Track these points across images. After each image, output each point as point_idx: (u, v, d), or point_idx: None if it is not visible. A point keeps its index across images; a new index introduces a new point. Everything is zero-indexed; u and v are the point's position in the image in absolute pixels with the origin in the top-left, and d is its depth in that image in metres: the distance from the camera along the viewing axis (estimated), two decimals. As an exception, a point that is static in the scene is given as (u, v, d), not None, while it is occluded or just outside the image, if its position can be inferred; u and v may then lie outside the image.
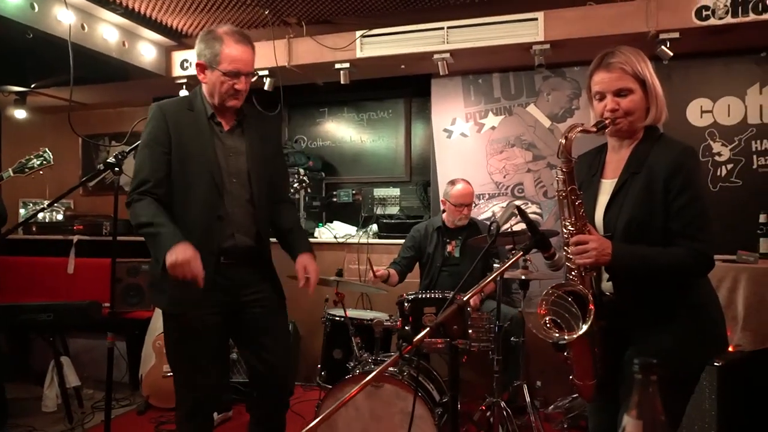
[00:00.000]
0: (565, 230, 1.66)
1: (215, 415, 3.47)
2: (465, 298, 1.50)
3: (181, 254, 1.87)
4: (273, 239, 2.29)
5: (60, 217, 5.35)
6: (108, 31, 3.83)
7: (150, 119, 2.11)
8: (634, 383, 0.82)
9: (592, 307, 1.57)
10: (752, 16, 3.28)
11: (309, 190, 4.42)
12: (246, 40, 2.09)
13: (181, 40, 4.36)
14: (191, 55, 4.38)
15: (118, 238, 2.73)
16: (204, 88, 2.13)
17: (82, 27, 3.64)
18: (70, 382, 3.77)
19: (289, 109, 5.03)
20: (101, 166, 2.34)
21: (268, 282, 2.24)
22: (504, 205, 4.21)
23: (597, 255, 1.58)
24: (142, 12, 3.88)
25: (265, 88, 4.23)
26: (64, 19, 3.42)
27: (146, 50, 4.20)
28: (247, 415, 2.34)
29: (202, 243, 2.02)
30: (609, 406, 1.69)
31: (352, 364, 3.06)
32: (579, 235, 1.61)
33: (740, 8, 3.30)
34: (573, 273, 1.66)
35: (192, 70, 4.38)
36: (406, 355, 1.89)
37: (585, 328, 1.55)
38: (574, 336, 1.57)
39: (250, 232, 2.17)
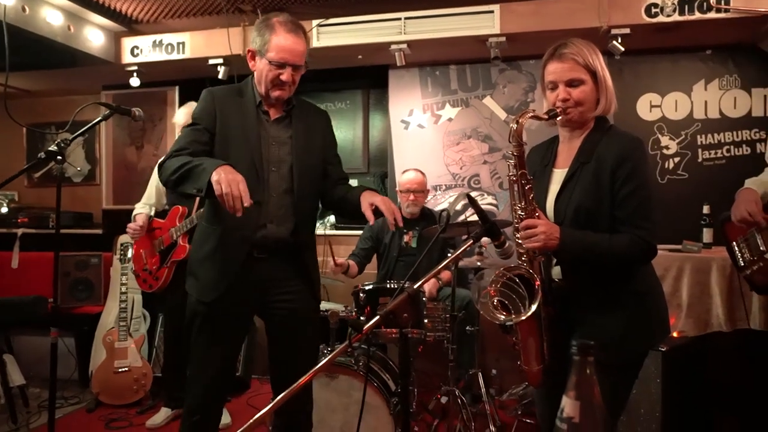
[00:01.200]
0: (515, 215, 1.69)
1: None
2: (416, 287, 1.50)
3: (227, 172, 1.77)
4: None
5: (4, 210, 5.13)
6: (51, 14, 3.67)
7: (199, 102, 2.11)
8: (572, 364, 0.83)
9: (539, 290, 1.60)
10: (698, 15, 3.39)
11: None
12: (298, 31, 2.03)
13: (131, 26, 4.22)
14: (142, 42, 4.25)
15: (65, 231, 2.63)
16: (255, 75, 2.10)
17: (23, 9, 3.47)
18: (13, 381, 3.62)
19: (245, 99, 4.93)
20: (42, 155, 2.23)
21: (303, 282, 2.14)
22: (456, 194, 4.26)
23: (545, 239, 1.61)
24: (90, -5, 3.74)
25: (220, 77, 4.14)
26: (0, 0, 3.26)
27: (94, 35, 4.05)
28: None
29: (235, 230, 2.01)
30: (557, 393, 1.72)
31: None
32: (528, 220, 1.64)
33: (687, 7, 3.41)
34: (523, 258, 1.69)
35: (143, 57, 4.25)
36: (356, 344, 1.88)
37: (531, 310, 1.58)
38: (521, 318, 1.59)
39: (287, 224, 2.09)
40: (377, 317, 1.42)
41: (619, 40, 3.52)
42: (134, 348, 3.72)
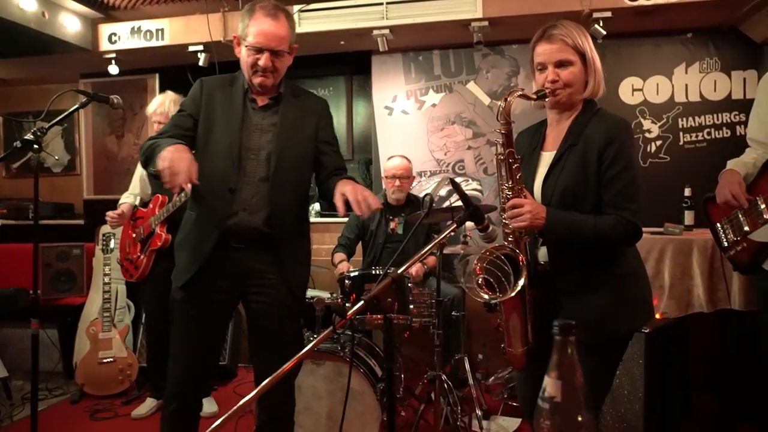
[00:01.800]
0: (502, 195, 1.70)
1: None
2: (399, 272, 1.50)
3: (177, 150, 1.77)
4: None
5: (-19, 201, 5.04)
6: (25, 1, 3.58)
7: (190, 90, 2.13)
8: (554, 344, 0.83)
9: (524, 267, 1.61)
10: (678, -2, 3.40)
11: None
12: (278, 15, 1.98)
13: (108, 12, 4.14)
14: (120, 29, 4.17)
15: (46, 221, 2.59)
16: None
17: (-5, -5, 3.39)
18: (-4, 374, 3.59)
19: (226, 86, 4.87)
20: (18, 144, 2.19)
21: (280, 277, 2.07)
22: (439, 180, 4.26)
23: (531, 218, 1.62)
24: (64, -19, 3.65)
25: (200, 63, 4.09)
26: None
27: (69, 22, 3.96)
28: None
29: (206, 217, 2.03)
30: (539, 375, 1.74)
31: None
32: (515, 200, 1.65)
33: (668, -11, 3.41)
34: (509, 238, 1.70)
35: (121, 44, 4.18)
36: (341, 330, 1.87)
37: (518, 288, 1.59)
38: (507, 296, 1.61)
39: (260, 213, 2.03)
40: (361, 302, 1.42)
41: (601, 24, 3.52)
42: (119, 338, 3.69)
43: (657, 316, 3.03)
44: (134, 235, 3.34)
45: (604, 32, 3.53)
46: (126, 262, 3.38)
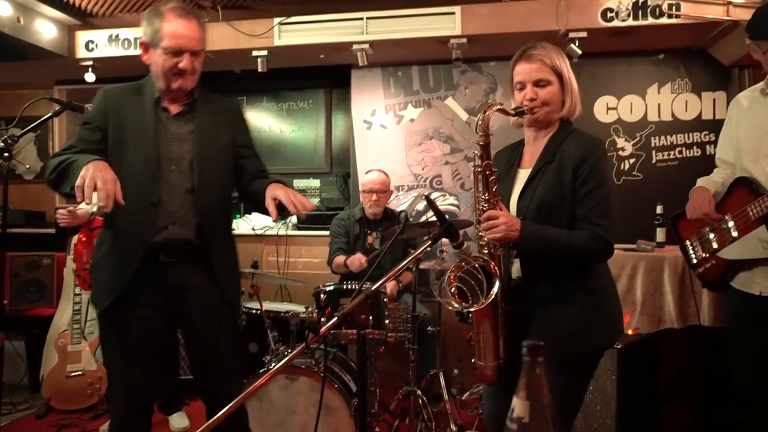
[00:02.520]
0: (479, 207, 1.72)
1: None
2: (373, 288, 1.50)
3: (97, 168, 1.66)
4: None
5: (-51, 208, 4.91)
6: None
7: (93, 101, 2.02)
8: (522, 365, 0.84)
9: (497, 276, 1.63)
10: (650, 20, 3.49)
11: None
12: (190, 15, 1.94)
13: (85, 19, 4.09)
14: (98, 36, 4.13)
15: (15, 230, 2.53)
16: (150, 70, 1.99)
17: (-31, 0, 3.34)
18: (-42, 387, 3.48)
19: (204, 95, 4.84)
20: (-13, 151, 2.15)
21: (214, 284, 2.02)
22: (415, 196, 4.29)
23: (506, 230, 1.65)
24: (40, -13, 3.61)
25: (179, 73, 4.06)
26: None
27: (45, 28, 3.91)
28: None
29: (130, 232, 1.91)
30: (505, 392, 1.75)
31: (268, 357, 3.01)
32: (490, 211, 1.68)
33: (640, 12, 3.50)
34: (484, 250, 1.72)
35: (99, 52, 4.13)
36: (315, 346, 1.86)
37: (490, 298, 1.61)
38: (479, 306, 1.63)
39: (189, 225, 1.98)
40: (334, 319, 1.41)
41: (577, 44, 3.59)
42: (88, 351, 3.61)
43: (629, 332, 3.07)
44: (91, 245, 3.28)
45: (580, 51, 3.60)
46: (84, 273, 3.31)
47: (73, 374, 3.56)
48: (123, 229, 1.93)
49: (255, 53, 3.93)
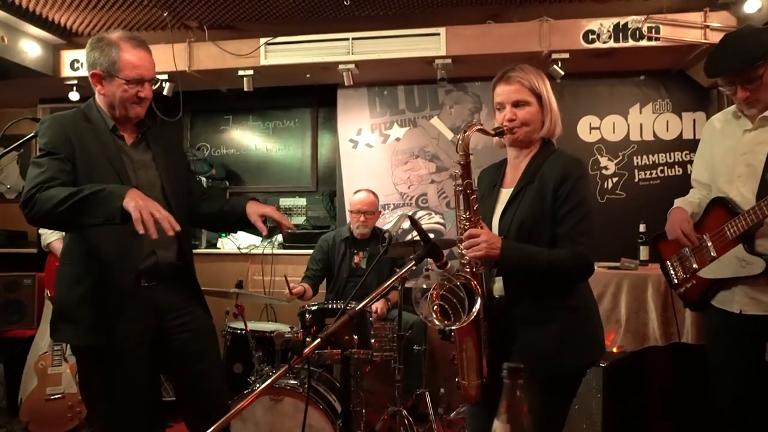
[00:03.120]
0: (460, 226, 1.74)
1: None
2: (357, 308, 1.50)
3: (140, 196, 1.67)
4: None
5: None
6: (-16, 25, 3.52)
7: (46, 129, 1.90)
8: (503, 388, 0.84)
9: (478, 295, 1.64)
10: (631, 42, 3.56)
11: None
12: (144, 45, 1.96)
13: (71, 38, 4.09)
14: (82, 55, 4.10)
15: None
16: (100, 99, 1.97)
17: (-47, 19, 3.32)
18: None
19: (191, 115, 4.85)
20: (-32, 171, 2.12)
21: (196, 303, 2.08)
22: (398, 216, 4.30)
23: (487, 248, 1.66)
24: (25, 6, 3.59)
25: (165, 93, 4.06)
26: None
27: (30, 47, 3.90)
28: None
29: (117, 263, 1.88)
30: (488, 411, 1.74)
31: (252, 378, 2.98)
32: (471, 230, 1.70)
33: (621, 34, 3.58)
34: (466, 269, 1.73)
35: (83, 71, 4.11)
36: (297, 366, 1.85)
37: (472, 316, 1.61)
38: (461, 324, 1.63)
39: (172, 248, 2.01)
40: (318, 340, 1.41)
41: (560, 64, 3.65)
42: (69, 373, 3.55)
43: (614, 349, 3.08)
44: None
45: (562, 72, 3.66)
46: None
47: (53, 397, 3.49)
48: (108, 262, 1.89)
49: (241, 73, 3.95)
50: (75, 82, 4.13)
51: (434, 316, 1.65)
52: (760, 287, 1.99)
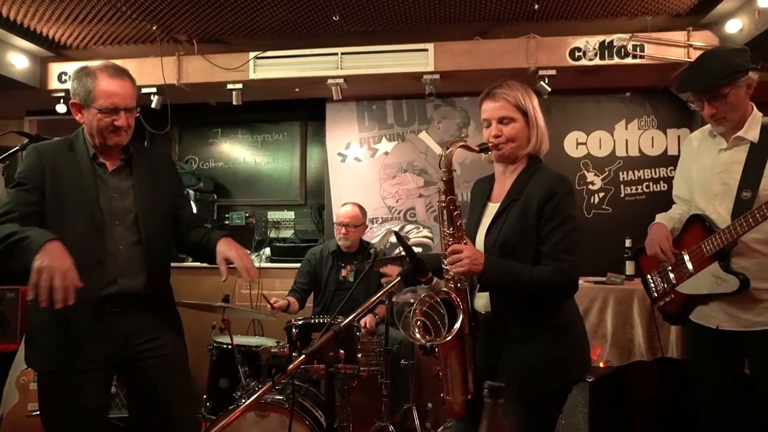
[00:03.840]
0: (444, 241, 1.74)
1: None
2: (344, 323, 1.49)
3: (54, 256, 1.63)
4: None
5: None
6: (-30, 37, 3.51)
7: (24, 159, 1.94)
8: (484, 407, 0.84)
9: (460, 313, 1.64)
10: (616, 60, 3.62)
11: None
12: (122, 74, 1.96)
13: (59, 51, 4.08)
14: (71, 68, 4.11)
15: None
16: (85, 128, 1.98)
17: (-61, 31, 3.31)
18: None
19: (179, 128, 4.84)
20: (-49, 184, 2.11)
21: (168, 327, 2.07)
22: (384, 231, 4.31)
23: (470, 264, 1.66)
24: (12, 18, 3.59)
25: (153, 105, 4.06)
26: None
27: (17, 60, 3.89)
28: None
29: (79, 292, 1.82)
30: (477, 425, 1.74)
31: (238, 393, 2.95)
32: (455, 245, 1.70)
33: (606, 52, 3.63)
34: (450, 284, 1.73)
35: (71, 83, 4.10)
36: (282, 382, 1.84)
37: (453, 332, 1.62)
38: (441, 340, 1.63)
39: (138, 278, 2.00)
40: (302, 357, 1.40)
41: (546, 81, 3.69)
42: (52, 389, 3.49)
43: (601, 364, 3.09)
44: None
45: (549, 89, 3.71)
46: None
47: (34, 413, 3.43)
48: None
49: (230, 86, 3.96)
50: (62, 94, 4.12)
51: (416, 331, 1.65)
52: (735, 304, 2.02)
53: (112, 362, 1.97)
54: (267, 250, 4.42)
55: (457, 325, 1.62)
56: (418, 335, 1.66)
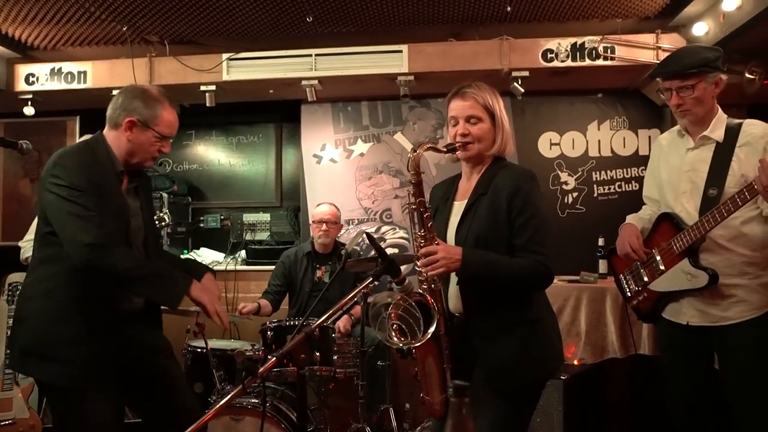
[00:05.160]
0: (416, 243, 1.74)
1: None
2: (314, 326, 1.49)
3: (204, 290, 1.94)
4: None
5: None
6: (-65, 38, 3.42)
7: (77, 163, 1.90)
8: (449, 406, 0.85)
9: (435, 315, 1.65)
10: (588, 62, 3.67)
11: (167, 220, 4.14)
12: (177, 106, 2.08)
13: (26, 52, 4.00)
14: (39, 69, 4.03)
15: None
16: (118, 143, 1.98)
17: None
18: None
19: (152, 130, 4.77)
20: None
21: (157, 325, 2.20)
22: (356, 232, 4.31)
23: (446, 263, 1.66)
24: (-22, 19, 3.51)
25: (124, 107, 3.99)
26: None
27: (-17, 61, 3.81)
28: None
29: (106, 305, 1.94)
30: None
31: (214, 397, 2.92)
32: (427, 247, 1.70)
33: (578, 54, 3.69)
34: (424, 286, 1.73)
35: (39, 85, 4.02)
36: (254, 386, 1.83)
37: (428, 335, 1.62)
38: (418, 342, 1.63)
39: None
40: (272, 359, 1.39)
41: (519, 82, 3.73)
42: (21, 397, 3.41)
43: (575, 362, 3.13)
44: None
45: (522, 90, 3.74)
46: None
47: (3, 423, 3.35)
48: (97, 303, 1.93)
49: (203, 88, 3.92)
50: (30, 96, 4.04)
51: (393, 335, 1.65)
52: (705, 299, 2.07)
53: (122, 372, 2.00)
54: (243, 253, 4.38)
55: (432, 328, 1.62)
56: (395, 339, 1.66)
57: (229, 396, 1.34)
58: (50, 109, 4.36)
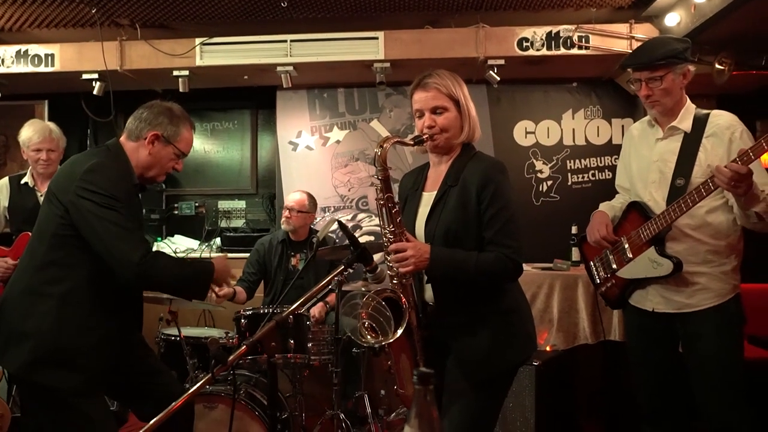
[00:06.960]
0: (385, 239, 1.73)
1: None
2: (285, 314, 1.49)
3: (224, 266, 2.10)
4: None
5: None
6: None
7: (115, 174, 1.91)
8: (414, 394, 0.85)
9: (406, 312, 1.65)
10: (563, 51, 3.69)
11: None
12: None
13: (-8, 34, 3.89)
14: (4, 52, 3.91)
15: None
16: (138, 155, 2.01)
17: None
18: None
19: (124, 115, 4.66)
20: None
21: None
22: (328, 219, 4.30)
23: (416, 261, 1.66)
24: (-61, -1, 3.40)
25: (95, 92, 3.91)
26: None
27: (-54, 43, 3.68)
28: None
29: (123, 309, 2.00)
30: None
31: (187, 385, 2.90)
32: (397, 243, 1.69)
33: (553, 43, 3.70)
34: (394, 280, 1.73)
35: (5, 68, 3.91)
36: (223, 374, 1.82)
37: (399, 332, 1.63)
38: (389, 340, 1.64)
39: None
40: (242, 347, 1.39)
41: (495, 70, 3.73)
42: (-9, 390, 3.35)
43: (547, 348, 3.18)
44: None
45: (498, 78, 3.75)
46: None
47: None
48: (121, 307, 1.99)
49: (176, 73, 3.86)
50: (-4, 79, 3.93)
51: (365, 334, 1.65)
52: (669, 287, 2.11)
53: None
54: (218, 240, 4.35)
55: (402, 327, 1.62)
56: (368, 337, 1.65)
57: (197, 385, 1.34)
58: (17, 92, 4.25)
